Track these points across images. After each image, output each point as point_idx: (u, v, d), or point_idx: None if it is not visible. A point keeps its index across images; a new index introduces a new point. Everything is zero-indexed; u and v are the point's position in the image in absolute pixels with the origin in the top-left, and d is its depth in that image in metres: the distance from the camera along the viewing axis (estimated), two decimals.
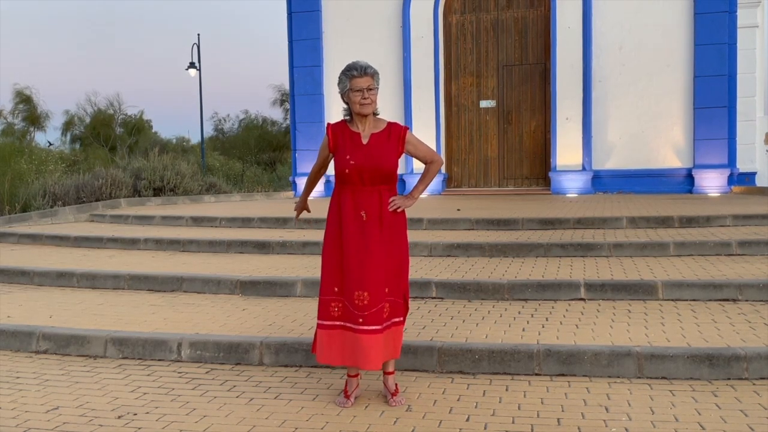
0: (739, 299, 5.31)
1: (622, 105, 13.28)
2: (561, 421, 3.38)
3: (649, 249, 6.85)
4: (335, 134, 3.78)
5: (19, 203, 12.57)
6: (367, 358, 3.57)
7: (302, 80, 14.79)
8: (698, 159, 12.92)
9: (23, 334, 4.94)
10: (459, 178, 14.62)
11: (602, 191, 13.39)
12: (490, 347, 4.19)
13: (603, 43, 13.30)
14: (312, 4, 14.65)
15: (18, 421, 3.59)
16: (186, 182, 15.03)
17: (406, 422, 3.44)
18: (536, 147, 14.13)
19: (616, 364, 4.01)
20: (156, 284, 6.41)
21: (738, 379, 3.89)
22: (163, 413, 3.66)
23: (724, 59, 12.73)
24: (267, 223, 9.47)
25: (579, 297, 5.49)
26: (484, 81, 14.30)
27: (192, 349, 4.58)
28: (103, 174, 13.93)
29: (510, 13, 14.08)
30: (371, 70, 3.68)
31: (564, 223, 8.34)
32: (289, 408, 3.68)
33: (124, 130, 35.64)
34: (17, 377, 4.33)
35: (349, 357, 3.63)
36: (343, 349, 3.65)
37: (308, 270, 6.55)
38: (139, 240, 8.52)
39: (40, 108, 36.02)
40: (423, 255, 7.14)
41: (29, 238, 9.44)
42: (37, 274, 6.93)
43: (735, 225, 8.11)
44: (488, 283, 5.66)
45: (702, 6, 12.76)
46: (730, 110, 12.84)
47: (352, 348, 3.60)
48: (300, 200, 4.30)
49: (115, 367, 4.50)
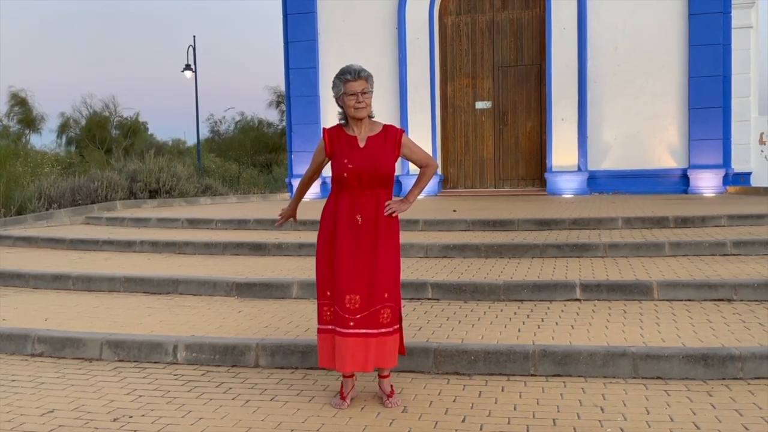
0: (734, 299, 5.32)
1: (617, 106, 13.32)
2: (557, 422, 3.39)
3: (645, 249, 6.86)
4: (332, 139, 3.77)
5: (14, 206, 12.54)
6: (354, 361, 3.58)
7: (298, 82, 14.79)
8: (693, 159, 12.96)
9: (18, 337, 4.93)
10: (455, 179, 14.63)
11: (598, 192, 13.41)
12: (486, 348, 4.20)
13: (598, 44, 13.34)
14: (307, 5, 14.65)
15: (13, 424, 3.58)
16: (182, 184, 15.00)
17: (402, 423, 3.44)
18: (532, 148, 14.15)
19: (612, 364, 4.02)
20: (152, 286, 6.41)
21: (733, 378, 3.90)
22: (159, 415, 3.65)
23: (719, 60, 12.77)
24: (263, 224, 9.46)
25: (575, 297, 5.50)
26: (479, 82, 14.31)
27: (188, 352, 4.57)
28: (99, 176, 13.90)
29: (505, 15, 14.10)
30: (365, 74, 3.68)
31: (560, 223, 8.35)
32: (285, 410, 3.68)
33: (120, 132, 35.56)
34: (12, 380, 4.32)
35: (338, 361, 3.62)
36: (332, 353, 3.65)
37: (304, 272, 6.55)
38: (134, 242, 8.51)
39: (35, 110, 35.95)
40: (419, 256, 7.15)
41: (25, 241, 9.42)
42: (32, 277, 6.91)
43: (730, 225, 8.13)
44: (484, 284, 5.66)
45: (696, 7, 12.80)
46: (725, 111, 12.89)
47: (340, 352, 3.59)
48: (289, 206, 4.24)
49: (110, 369, 4.49)
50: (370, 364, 3.61)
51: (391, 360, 3.70)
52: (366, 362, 3.60)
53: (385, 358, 3.66)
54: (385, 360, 3.67)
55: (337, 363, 3.62)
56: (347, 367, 3.60)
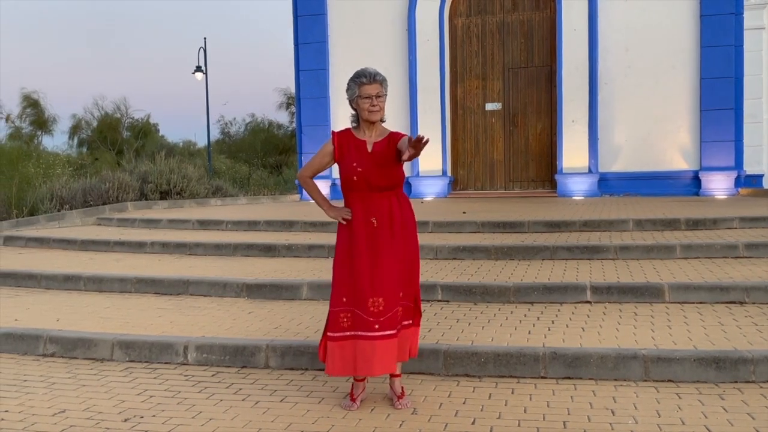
0: (746, 302, 5.29)
1: (628, 107, 13.27)
2: (567, 424, 3.38)
3: (656, 251, 6.83)
4: (341, 143, 3.78)
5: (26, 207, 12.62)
6: (382, 364, 3.56)
7: (308, 83, 14.81)
8: (705, 161, 12.89)
9: (30, 337, 4.96)
10: (465, 180, 14.62)
11: (608, 194, 13.36)
12: (496, 350, 4.19)
13: (609, 45, 13.30)
14: (318, 7, 14.68)
15: (25, 424, 3.61)
16: (192, 186, 15.05)
17: (412, 425, 3.44)
18: (542, 149, 14.12)
19: (623, 367, 4.01)
20: (162, 287, 6.43)
21: (745, 381, 3.88)
22: (170, 416, 3.67)
23: (731, 61, 12.71)
24: (273, 226, 9.48)
25: (585, 300, 5.48)
26: (489, 84, 14.30)
27: (198, 352, 4.59)
28: (110, 178, 13.96)
29: (516, 16, 14.08)
30: (380, 77, 3.69)
31: (570, 225, 8.32)
32: (294, 411, 3.69)
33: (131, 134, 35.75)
34: (24, 380, 4.35)
35: (363, 366, 3.58)
36: (356, 359, 3.60)
37: (314, 273, 6.56)
38: (145, 243, 8.55)
39: (47, 112, 36.18)
40: (429, 258, 7.14)
41: (37, 242, 9.48)
42: (44, 278, 6.95)
43: (742, 227, 8.08)
44: (494, 285, 5.66)
45: (708, 8, 12.75)
46: (737, 112, 12.82)
47: (366, 355, 3.56)
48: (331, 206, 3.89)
49: (121, 370, 4.52)
50: (394, 364, 3.63)
51: (406, 353, 3.74)
52: (392, 363, 3.60)
53: (400, 354, 3.70)
54: (400, 355, 3.71)
55: (363, 367, 3.57)
56: (376, 370, 3.56)
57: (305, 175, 3.93)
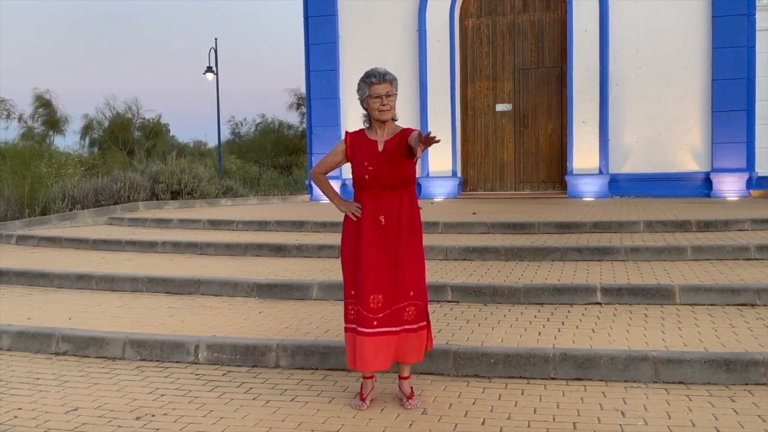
0: (758, 304, 5.27)
1: (639, 108, 13.21)
2: (577, 426, 3.38)
3: (667, 253, 6.81)
4: (353, 143, 3.81)
5: (38, 206, 12.69)
6: (375, 360, 3.60)
7: (318, 84, 14.84)
8: (716, 162, 12.83)
9: (43, 335, 5.00)
10: (475, 181, 14.60)
11: (619, 195, 13.32)
12: (506, 351, 4.20)
13: (620, 46, 13.25)
14: (328, 8, 14.71)
15: (38, 421, 3.64)
16: (203, 186, 15.10)
17: (422, 425, 3.45)
18: (552, 150, 14.09)
19: (633, 368, 4.00)
20: (173, 287, 6.47)
21: (756, 384, 3.86)
22: (181, 414, 3.69)
23: (743, 62, 12.64)
24: (283, 226, 9.51)
25: (595, 301, 5.47)
26: (500, 84, 14.28)
27: (209, 352, 4.61)
28: (122, 177, 14.03)
29: (526, 17, 14.06)
30: (390, 77, 3.71)
31: (580, 226, 8.31)
32: (304, 410, 3.70)
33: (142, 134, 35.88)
34: (37, 378, 4.39)
35: (360, 361, 3.64)
36: (355, 353, 3.67)
37: (324, 273, 6.57)
38: (156, 243, 8.59)
39: (59, 112, 36.37)
40: (438, 258, 7.15)
41: (49, 241, 9.55)
42: (56, 277, 7.00)
43: (753, 229, 8.04)
44: (504, 286, 5.66)
45: (720, 9, 12.68)
46: (749, 113, 12.74)
47: (363, 351, 3.61)
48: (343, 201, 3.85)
49: (133, 368, 4.55)
50: (390, 360, 3.65)
51: (414, 355, 3.73)
52: (387, 360, 3.63)
53: (406, 354, 3.71)
54: (407, 355, 3.71)
55: (359, 363, 3.64)
56: (369, 366, 3.62)
57: (318, 172, 3.99)
